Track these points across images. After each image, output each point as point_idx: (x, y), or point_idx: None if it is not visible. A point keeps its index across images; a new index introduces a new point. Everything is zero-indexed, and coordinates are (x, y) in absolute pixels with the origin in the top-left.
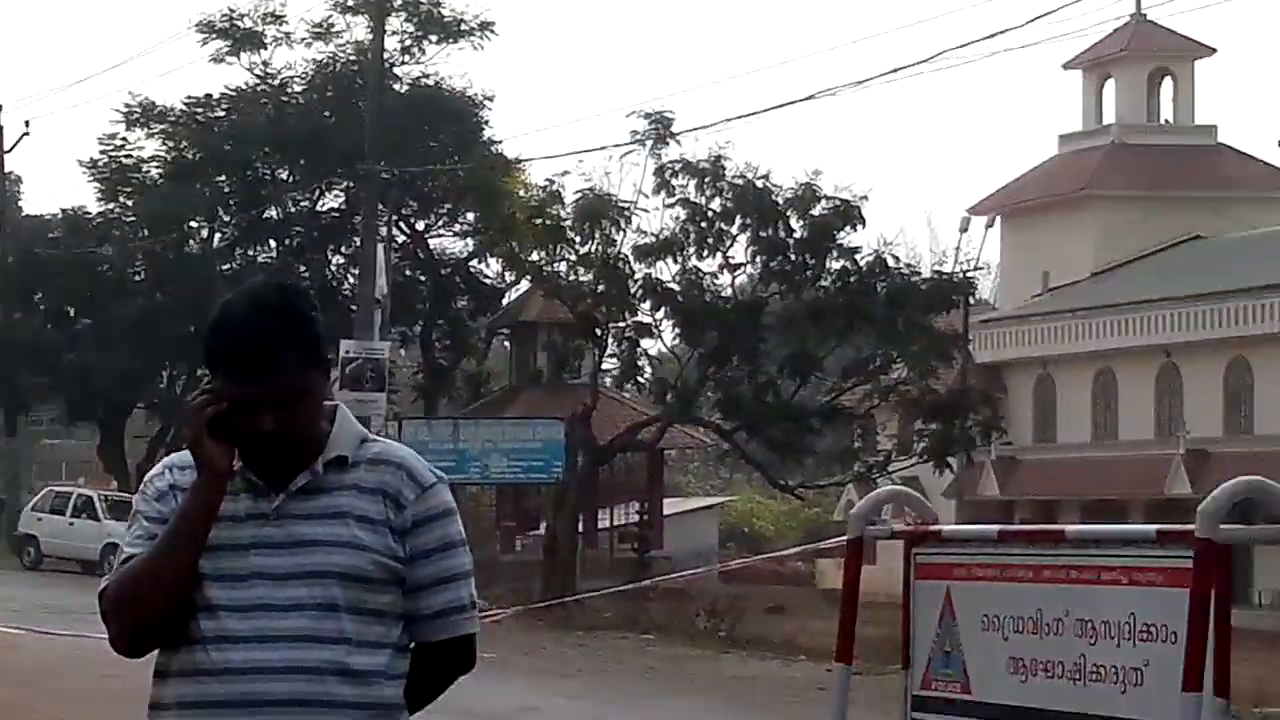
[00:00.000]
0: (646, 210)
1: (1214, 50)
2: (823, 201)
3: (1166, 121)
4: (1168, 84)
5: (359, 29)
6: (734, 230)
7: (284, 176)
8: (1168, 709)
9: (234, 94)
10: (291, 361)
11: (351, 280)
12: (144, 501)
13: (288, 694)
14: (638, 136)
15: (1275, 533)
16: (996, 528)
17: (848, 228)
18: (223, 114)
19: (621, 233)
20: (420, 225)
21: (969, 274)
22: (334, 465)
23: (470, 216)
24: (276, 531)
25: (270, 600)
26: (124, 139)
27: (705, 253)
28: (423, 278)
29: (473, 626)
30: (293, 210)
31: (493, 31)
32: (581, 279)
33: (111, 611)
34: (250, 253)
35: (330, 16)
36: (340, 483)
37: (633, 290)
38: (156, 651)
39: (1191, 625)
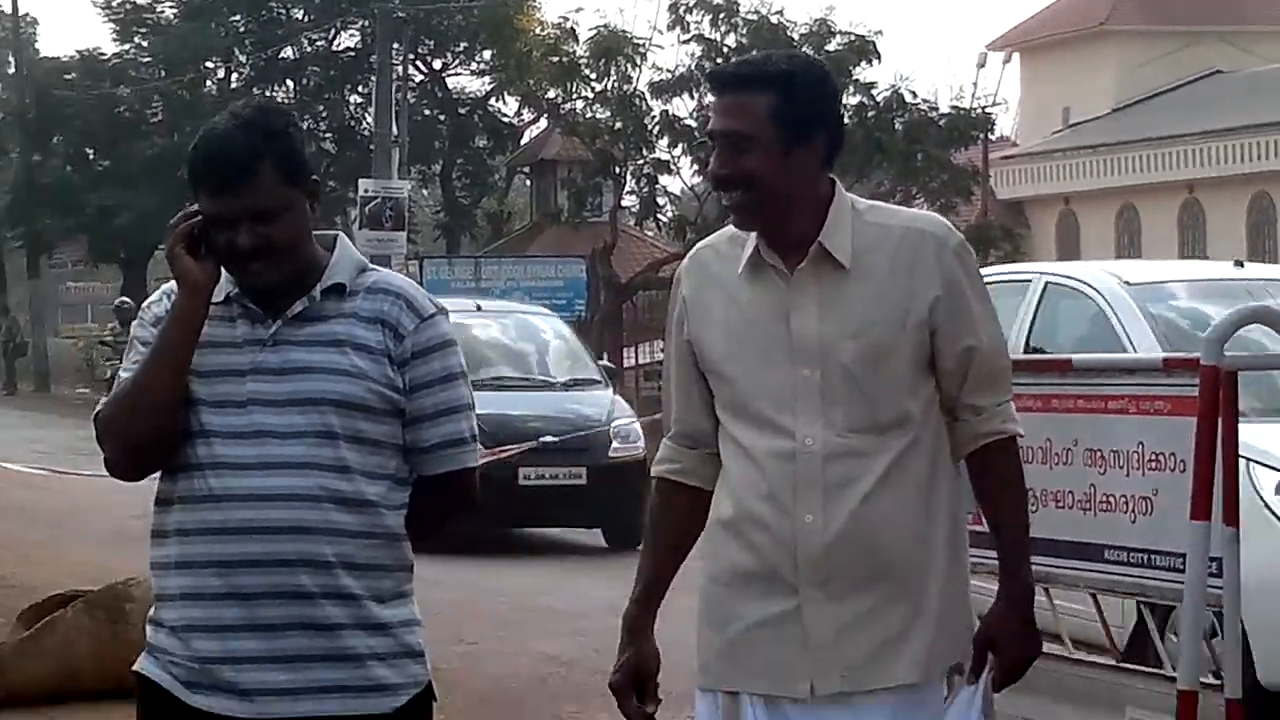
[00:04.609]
0: (662, 47)
1: None
2: (837, 37)
3: None
4: None
5: None
6: None
7: (299, 15)
8: (1176, 537)
9: None
10: (265, 174)
11: (369, 120)
12: (140, 327)
13: (287, 520)
14: None
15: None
16: None
17: (863, 63)
18: None
19: (637, 70)
20: (437, 64)
21: (988, 109)
22: (332, 293)
23: (486, 55)
24: (273, 357)
25: (267, 427)
26: None
27: None
28: (441, 117)
29: (473, 460)
30: (308, 49)
31: None
32: (599, 116)
33: (104, 432)
34: (267, 92)
35: None
36: (339, 310)
37: (650, 127)
38: (158, 478)
39: (1198, 453)
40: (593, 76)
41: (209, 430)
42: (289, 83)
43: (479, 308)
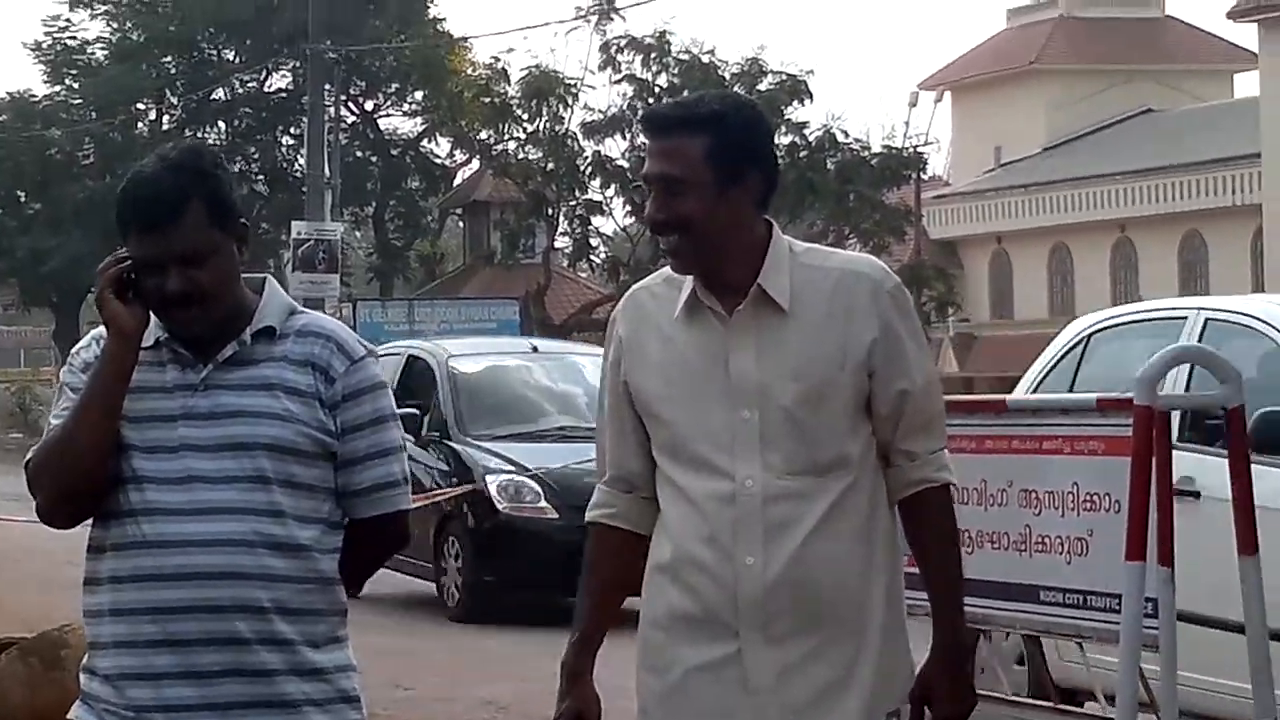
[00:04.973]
0: (594, 87)
1: None
2: (769, 77)
3: None
4: None
5: None
6: None
7: (230, 57)
8: (1112, 578)
9: None
10: (193, 216)
11: (301, 162)
12: (70, 373)
13: (220, 566)
14: (582, 13)
15: (1212, 398)
16: None
17: (795, 103)
18: None
19: (569, 110)
20: (369, 105)
21: (919, 149)
22: (262, 336)
23: (418, 96)
24: (204, 402)
25: (200, 472)
26: (68, 20)
27: None
28: (373, 158)
29: (405, 502)
30: (240, 91)
31: None
32: (531, 157)
33: (35, 480)
34: (199, 134)
35: None
36: (269, 354)
37: (582, 168)
38: (90, 524)
39: (1133, 494)
40: (525, 117)
41: (141, 476)
42: (221, 124)
43: (535, 349)
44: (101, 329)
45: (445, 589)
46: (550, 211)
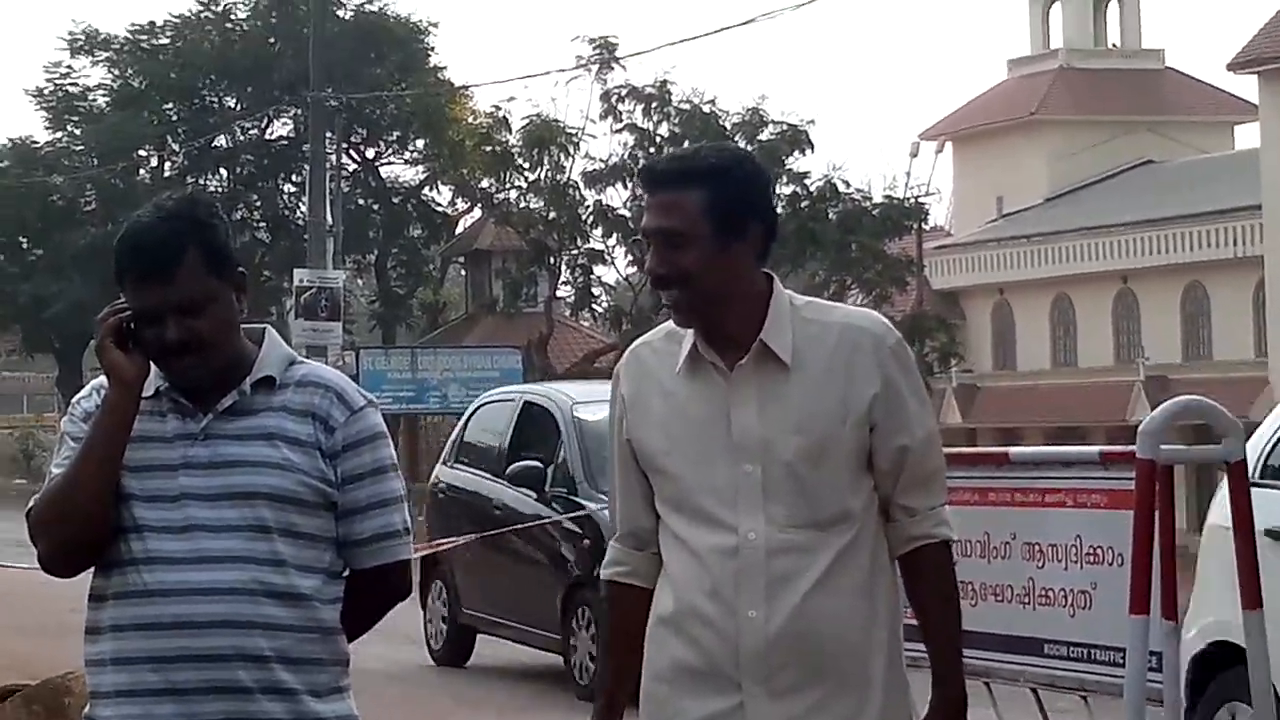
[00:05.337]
0: (595, 136)
1: None
2: (770, 126)
3: (1114, 45)
4: (1114, 7)
5: None
6: None
7: (231, 104)
8: (1116, 631)
9: (178, 21)
10: (190, 266)
11: (303, 209)
12: (71, 423)
13: (221, 615)
14: (583, 62)
15: (1215, 453)
16: None
17: (796, 152)
18: (168, 41)
19: (570, 159)
20: (370, 153)
21: (921, 199)
22: (262, 386)
23: (420, 144)
24: (204, 451)
25: (201, 521)
26: (69, 67)
27: None
28: (375, 206)
29: (406, 552)
30: (241, 138)
31: None
32: (532, 206)
33: (36, 529)
34: (200, 181)
35: None
36: (268, 404)
37: (584, 217)
38: (92, 573)
39: (1136, 547)
40: (526, 166)
41: (142, 525)
42: (222, 171)
43: None
44: (103, 378)
45: (576, 663)
46: (552, 260)
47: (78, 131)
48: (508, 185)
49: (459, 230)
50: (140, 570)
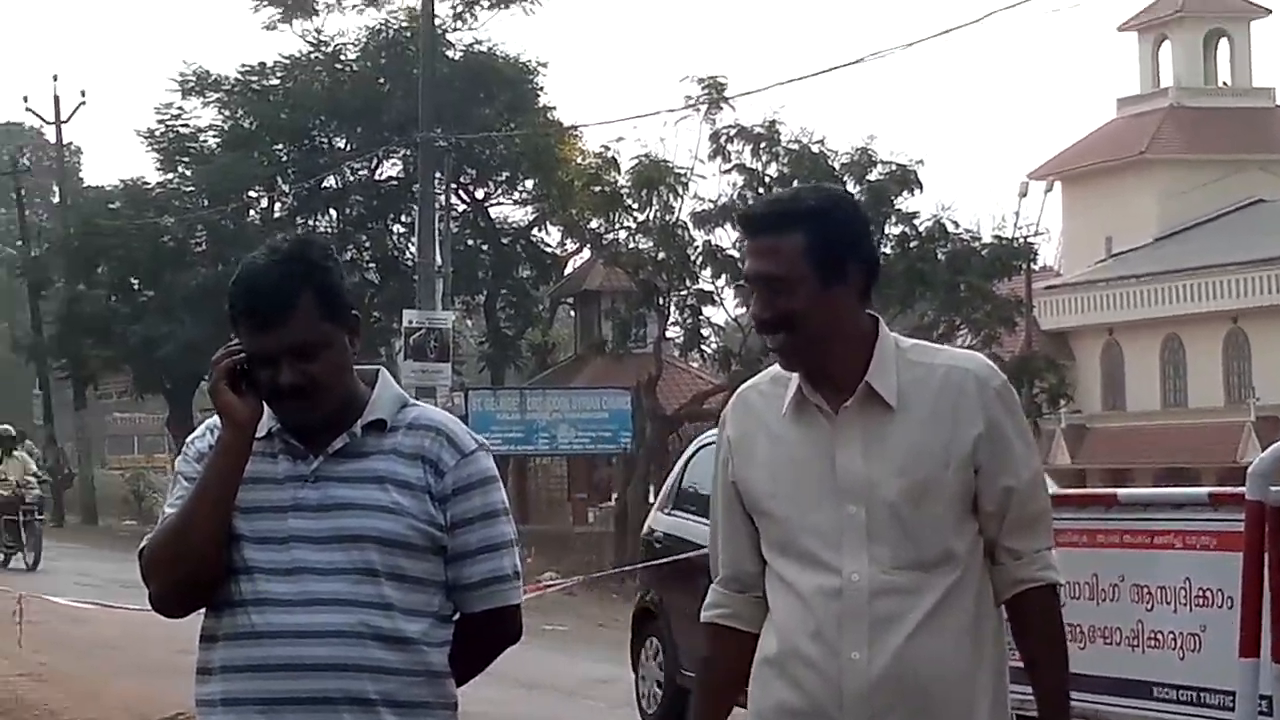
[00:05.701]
0: (704, 176)
1: (1269, 11)
2: (879, 166)
3: (1224, 84)
4: (1224, 45)
5: None
6: None
7: (341, 145)
8: (1226, 675)
9: (288, 62)
10: (305, 310)
11: (412, 250)
12: (184, 462)
13: (328, 658)
14: (691, 102)
15: None
16: None
17: (905, 193)
18: (278, 82)
19: (679, 199)
20: (479, 194)
21: (1030, 239)
22: (373, 429)
23: (529, 184)
24: (314, 494)
25: (309, 563)
26: (180, 108)
27: None
28: (484, 246)
29: (516, 597)
30: (351, 179)
31: None
32: (641, 246)
33: (148, 569)
34: (310, 222)
35: None
36: (379, 447)
37: (693, 257)
38: (202, 613)
39: (1245, 589)
40: (635, 206)
41: (252, 566)
42: (332, 212)
43: None
44: (215, 419)
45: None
46: (661, 301)
47: (188, 173)
48: (617, 226)
49: (568, 271)
50: (250, 612)
